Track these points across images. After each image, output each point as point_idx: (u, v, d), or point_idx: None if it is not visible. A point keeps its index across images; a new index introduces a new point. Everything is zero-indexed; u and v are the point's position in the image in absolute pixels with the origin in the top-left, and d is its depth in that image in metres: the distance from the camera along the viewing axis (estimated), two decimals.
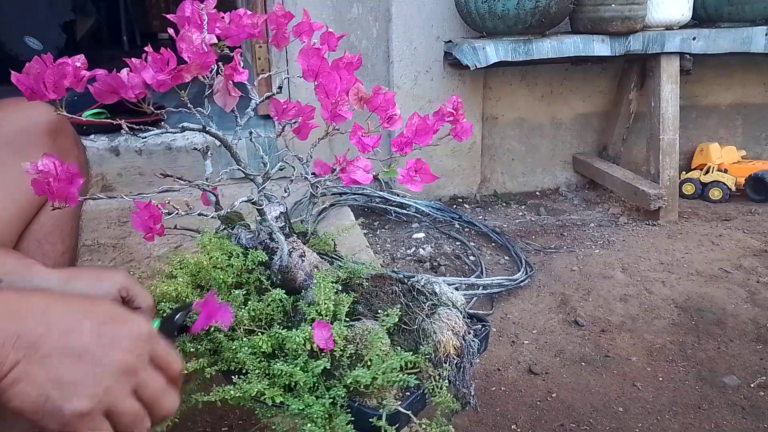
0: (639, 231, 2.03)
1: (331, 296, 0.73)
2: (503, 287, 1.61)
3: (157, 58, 0.63)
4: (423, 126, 0.78)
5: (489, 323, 0.83)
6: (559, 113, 2.41)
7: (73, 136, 0.82)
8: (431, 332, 0.75)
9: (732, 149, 2.42)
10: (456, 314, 0.78)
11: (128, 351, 0.51)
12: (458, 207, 2.24)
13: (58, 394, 0.48)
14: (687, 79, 2.27)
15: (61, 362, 0.48)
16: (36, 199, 0.76)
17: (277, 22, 0.78)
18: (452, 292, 0.83)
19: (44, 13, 3.54)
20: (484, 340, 0.81)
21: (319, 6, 2.10)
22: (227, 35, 0.72)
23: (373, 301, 0.80)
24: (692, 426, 1.15)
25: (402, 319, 0.76)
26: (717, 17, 2.14)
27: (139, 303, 0.73)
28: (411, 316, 0.78)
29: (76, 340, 0.49)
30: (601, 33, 2.00)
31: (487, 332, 0.82)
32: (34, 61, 0.61)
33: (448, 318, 0.77)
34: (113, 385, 0.50)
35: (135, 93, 0.64)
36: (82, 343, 0.49)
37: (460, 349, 0.75)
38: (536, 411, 1.19)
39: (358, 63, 0.77)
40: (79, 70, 0.62)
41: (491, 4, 1.88)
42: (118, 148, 2.07)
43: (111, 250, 1.62)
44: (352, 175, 0.75)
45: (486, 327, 0.82)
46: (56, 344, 0.48)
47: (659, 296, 1.60)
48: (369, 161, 0.76)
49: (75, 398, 0.48)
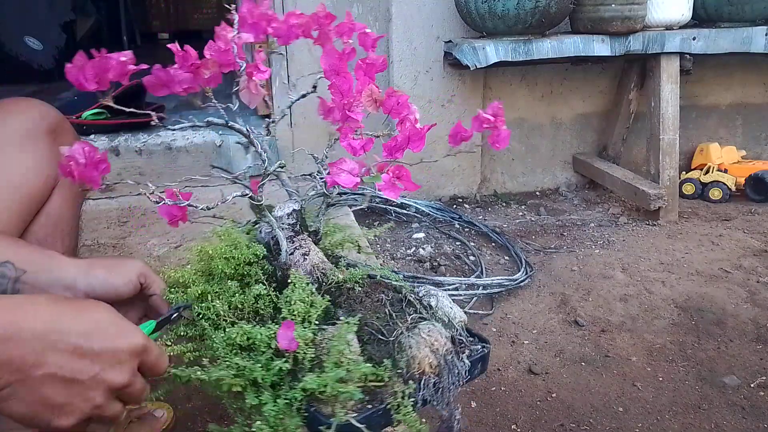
0: (639, 231, 2.03)
1: (305, 298, 0.72)
2: (503, 287, 1.61)
3: (181, 55, 0.65)
4: (415, 131, 0.75)
5: (489, 344, 0.79)
6: (559, 113, 2.41)
7: (74, 136, 0.82)
8: (407, 346, 0.72)
9: (732, 149, 2.42)
10: (439, 331, 0.74)
11: (118, 370, 0.54)
12: (458, 207, 2.24)
13: (47, 413, 0.51)
14: (687, 79, 2.27)
15: (51, 387, 0.51)
16: (38, 196, 0.76)
17: (319, 22, 0.78)
18: (452, 307, 0.80)
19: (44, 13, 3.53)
20: (479, 362, 0.76)
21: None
22: (278, 35, 0.75)
23: (356, 307, 0.78)
24: (692, 426, 1.15)
25: (381, 330, 0.74)
26: (717, 17, 2.15)
27: (154, 290, 0.77)
28: (391, 328, 0.75)
29: (67, 367, 0.51)
30: (601, 33, 2.00)
31: (483, 354, 0.77)
32: (79, 54, 0.65)
33: (428, 334, 0.73)
34: (100, 402, 0.53)
35: (183, 88, 0.68)
36: (72, 370, 0.52)
37: (438, 368, 0.71)
38: (536, 411, 1.19)
39: (382, 65, 0.76)
40: (125, 65, 0.66)
41: (491, 4, 1.88)
42: (118, 148, 2.07)
43: (111, 250, 1.62)
44: (335, 177, 0.71)
45: (485, 348, 0.78)
46: (47, 371, 0.51)
47: (659, 296, 1.60)
48: (356, 164, 0.73)
49: (62, 417, 0.52)
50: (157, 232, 1.83)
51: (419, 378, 0.70)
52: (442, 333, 0.74)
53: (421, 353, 0.71)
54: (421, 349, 0.71)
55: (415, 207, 2.08)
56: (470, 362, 0.75)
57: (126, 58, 0.66)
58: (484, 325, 1.48)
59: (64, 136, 0.80)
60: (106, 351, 0.53)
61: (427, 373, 0.71)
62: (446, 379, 0.72)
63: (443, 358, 0.72)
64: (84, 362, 0.52)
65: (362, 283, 0.81)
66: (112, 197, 2.09)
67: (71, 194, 0.80)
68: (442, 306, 0.79)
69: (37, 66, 3.49)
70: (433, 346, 0.72)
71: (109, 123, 2.17)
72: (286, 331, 0.66)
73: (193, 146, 2.11)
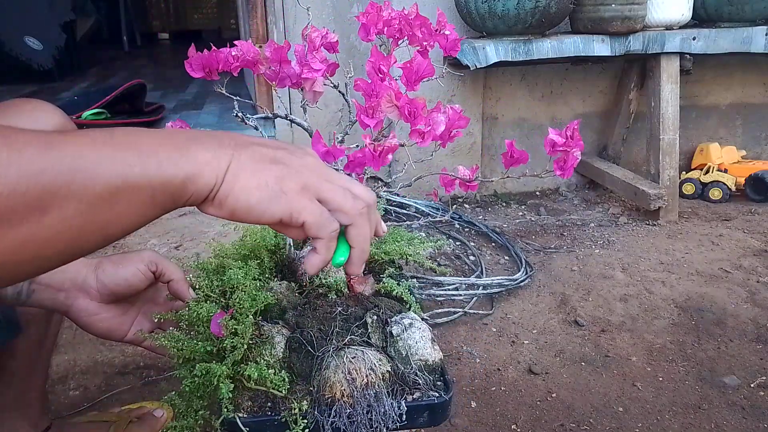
0: (639, 231, 2.03)
1: (252, 292, 0.72)
2: (503, 287, 1.61)
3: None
4: (372, 153, 0.72)
5: (449, 395, 0.69)
6: (559, 113, 2.41)
7: None
8: (325, 367, 0.68)
9: (732, 149, 2.42)
10: (367, 359, 0.68)
11: (360, 190, 0.52)
12: (458, 207, 2.24)
13: (275, 173, 0.48)
14: (687, 79, 2.27)
15: (264, 148, 0.49)
16: None
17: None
18: (424, 344, 0.71)
19: (44, 13, 3.53)
20: (425, 411, 0.67)
21: (319, 6, 2.10)
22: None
23: (306, 314, 0.75)
24: (692, 426, 1.15)
25: (312, 342, 0.71)
26: (717, 17, 2.15)
27: (170, 276, 0.77)
28: (325, 343, 0.71)
29: (270, 147, 0.50)
30: (601, 33, 2.00)
31: (432, 403, 0.68)
32: (191, 49, 0.74)
33: (351, 360, 0.67)
34: (310, 178, 0.49)
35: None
36: (277, 150, 0.50)
37: (352, 398, 0.65)
38: (536, 411, 1.19)
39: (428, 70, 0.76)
40: (237, 58, 0.74)
41: (491, 4, 1.88)
42: None
43: (111, 249, 1.62)
44: None
45: (442, 398, 0.68)
46: (254, 149, 0.48)
47: (659, 296, 1.60)
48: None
49: (288, 179, 0.48)
50: (158, 232, 1.83)
51: (330, 403, 0.66)
52: (371, 363, 0.68)
53: (335, 377, 0.67)
54: (337, 374, 0.67)
55: (415, 207, 2.08)
56: (407, 407, 0.67)
57: (236, 52, 0.73)
58: (484, 325, 1.48)
59: None
60: (355, 183, 0.52)
61: (339, 400, 0.65)
62: (361, 414, 0.65)
63: (360, 390, 0.66)
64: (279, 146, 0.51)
65: (340, 291, 0.79)
66: None
67: None
68: (407, 338, 0.72)
69: (37, 66, 3.49)
70: (350, 374, 0.66)
71: (109, 123, 2.18)
72: (217, 318, 0.68)
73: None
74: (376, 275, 0.88)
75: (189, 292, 0.77)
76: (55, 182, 0.39)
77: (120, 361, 1.31)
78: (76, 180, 0.40)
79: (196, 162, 0.45)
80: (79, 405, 1.18)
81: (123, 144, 0.43)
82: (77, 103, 2.22)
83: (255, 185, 0.46)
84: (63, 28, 3.66)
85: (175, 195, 0.45)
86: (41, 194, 0.39)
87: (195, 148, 0.45)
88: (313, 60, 0.76)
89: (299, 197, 0.47)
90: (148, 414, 1.06)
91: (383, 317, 0.75)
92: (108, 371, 1.28)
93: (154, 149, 0.44)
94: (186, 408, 0.67)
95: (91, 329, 0.78)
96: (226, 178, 0.46)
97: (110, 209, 0.42)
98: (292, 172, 0.48)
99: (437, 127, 0.73)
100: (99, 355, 1.33)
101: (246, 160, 0.47)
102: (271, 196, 0.47)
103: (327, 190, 0.49)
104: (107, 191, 0.41)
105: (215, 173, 0.45)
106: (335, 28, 2.06)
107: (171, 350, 0.68)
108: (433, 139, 0.73)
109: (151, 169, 0.43)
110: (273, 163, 0.48)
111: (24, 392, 0.90)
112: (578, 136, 0.77)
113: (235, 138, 0.48)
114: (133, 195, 0.43)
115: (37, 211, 0.39)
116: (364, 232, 0.52)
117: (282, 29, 2.13)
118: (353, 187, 0.51)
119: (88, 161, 0.41)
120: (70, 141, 0.41)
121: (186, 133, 0.48)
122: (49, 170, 0.39)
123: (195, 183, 0.45)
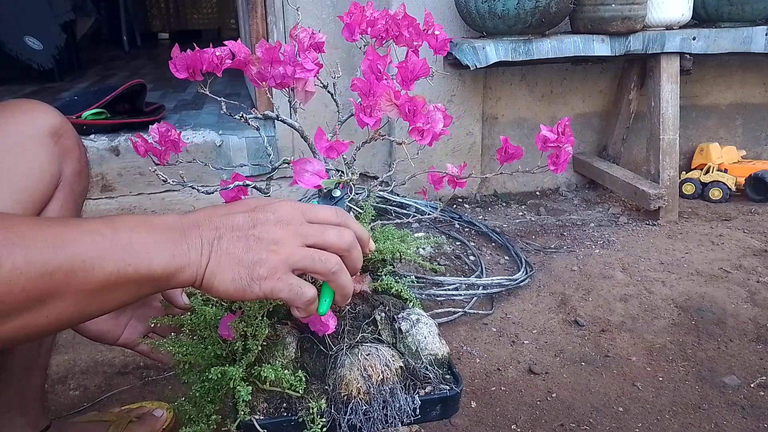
0: (639, 231, 2.03)
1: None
2: (503, 287, 1.61)
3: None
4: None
5: (460, 387, 0.70)
6: (559, 113, 2.41)
7: (75, 137, 0.83)
8: (340, 365, 0.68)
9: (732, 149, 2.42)
10: (381, 356, 0.68)
11: (283, 223, 0.56)
12: (458, 207, 2.24)
13: (246, 263, 0.54)
14: (687, 79, 2.27)
15: (238, 231, 0.55)
16: (41, 198, 0.76)
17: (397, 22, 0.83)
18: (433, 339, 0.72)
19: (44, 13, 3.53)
20: (438, 404, 0.68)
21: (319, 6, 2.10)
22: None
23: None
24: (692, 426, 1.15)
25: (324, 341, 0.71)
26: (717, 17, 2.15)
27: None
28: (338, 342, 0.71)
29: (245, 226, 0.56)
30: (601, 33, 2.00)
31: (444, 396, 0.69)
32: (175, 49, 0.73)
33: (366, 357, 0.68)
34: (279, 256, 0.55)
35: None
36: (252, 227, 0.56)
37: (368, 395, 0.66)
38: (536, 411, 1.19)
39: (423, 70, 0.76)
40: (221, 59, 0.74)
41: (491, 4, 1.88)
42: (118, 148, 2.07)
43: None
44: (297, 177, 0.68)
45: (453, 391, 0.69)
46: (231, 236, 0.55)
47: (659, 296, 1.60)
48: (322, 165, 0.70)
49: (260, 266, 0.54)
50: None
51: (346, 401, 0.66)
52: (386, 360, 0.68)
53: (351, 375, 0.67)
54: (352, 371, 0.67)
55: (415, 207, 2.08)
56: (421, 401, 0.67)
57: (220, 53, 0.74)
58: (484, 325, 1.48)
59: (66, 137, 0.80)
60: (263, 214, 0.57)
61: (355, 397, 0.66)
62: (377, 410, 0.65)
63: (376, 387, 0.66)
64: (246, 220, 0.56)
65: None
66: (112, 197, 2.09)
67: (72, 195, 0.81)
68: (416, 334, 0.72)
69: (37, 66, 3.49)
70: (366, 371, 0.67)
71: (109, 123, 2.18)
72: (226, 320, 0.68)
73: (194, 146, 2.11)
74: (371, 273, 0.88)
75: (183, 298, 0.77)
76: (59, 279, 0.45)
77: (120, 361, 1.31)
78: (77, 277, 0.46)
79: (181, 260, 0.52)
80: (79, 405, 1.18)
81: (122, 242, 0.49)
82: (77, 103, 2.22)
83: (230, 279, 0.53)
84: (63, 28, 3.66)
85: (159, 286, 0.52)
86: (45, 290, 0.45)
87: (182, 248, 0.52)
88: (306, 60, 0.75)
89: (270, 281, 0.54)
90: (147, 414, 1.06)
91: (390, 314, 0.75)
92: (108, 371, 1.28)
93: (148, 248, 0.50)
94: (197, 413, 0.66)
95: (83, 332, 0.78)
96: (206, 275, 0.53)
97: (101, 299, 0.49)
98: (263, 255, 0.54)
99: (436, 125, 0.73)
100: (99, 355, 1.33)
101: (222, 255, 0.53)
102: (245, 287, 0.53)
103: (297, 261, 0.55)
104: (101, 286, 0.48)
105: (196, 269, 0.53)
106: (335, 28, 2.06)
107: (177, 356, 0.68)
108: (432, 138, 0.73)
109: (143, 267, 0.50)
110: (246, 248, 0.54)
111: (23, 391, 0.90)
112: (569, 132, 0.77)
113: (215, 221, 0.55)
114: (123, 288, 0.49)
115: (38, 304, 0.45)
116: (342, 281, 0.57)
117: (282, 29, 2.13)
118: (326, 237, 0.57)
119: (88, 258, 0.47)
120: (72, 238, 0.47)
121: (180, 223, 0.54)
122: (57, 270, 0.45)
123: (177, 278, 0.52)
